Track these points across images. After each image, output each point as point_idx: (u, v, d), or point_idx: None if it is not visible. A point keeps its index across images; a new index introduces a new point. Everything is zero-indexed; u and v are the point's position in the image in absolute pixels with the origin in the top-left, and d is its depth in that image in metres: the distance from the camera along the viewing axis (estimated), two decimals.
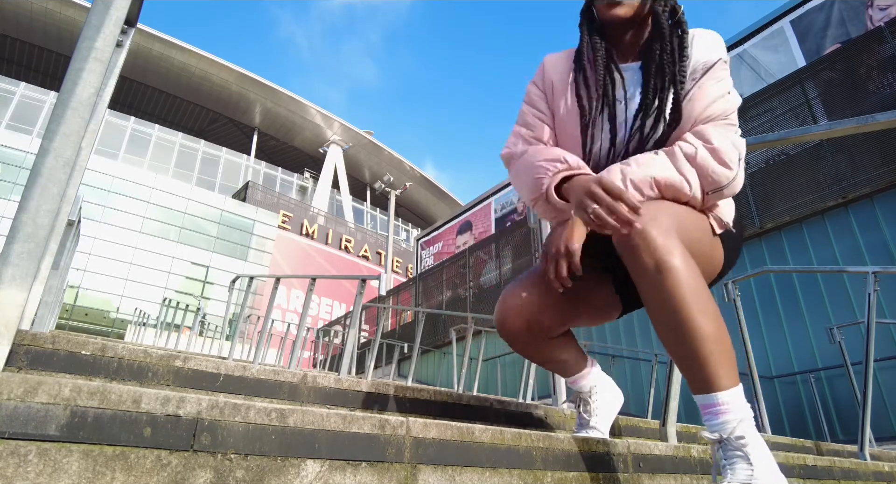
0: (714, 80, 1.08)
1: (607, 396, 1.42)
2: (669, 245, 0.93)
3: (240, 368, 1.53)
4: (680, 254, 0.94)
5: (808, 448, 2.61)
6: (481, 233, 16.18)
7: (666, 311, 0.94)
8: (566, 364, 1.36)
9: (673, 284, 0.92)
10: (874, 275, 2.52)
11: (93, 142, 1.51)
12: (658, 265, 0.93)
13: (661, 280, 0.93)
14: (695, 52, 1.10)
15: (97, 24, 0.97)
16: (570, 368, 1.38)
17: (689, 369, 0.94)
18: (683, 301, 0.92)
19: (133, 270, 21.18)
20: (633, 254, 0.95)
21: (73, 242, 2.81)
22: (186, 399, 0.68)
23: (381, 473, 0.78)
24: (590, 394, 1.40)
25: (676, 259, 0.93)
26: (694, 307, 0.91)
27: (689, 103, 1.08)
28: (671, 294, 0.92)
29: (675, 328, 0.94)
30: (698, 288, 0.93)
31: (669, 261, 0.92)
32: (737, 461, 0.89)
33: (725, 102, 1.08)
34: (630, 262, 0.97)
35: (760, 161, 7.48)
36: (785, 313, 6.68)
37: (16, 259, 0.82)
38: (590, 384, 1.40)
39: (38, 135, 20.38)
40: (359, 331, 9.17)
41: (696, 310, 0.91)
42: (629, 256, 0.97)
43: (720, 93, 1.08)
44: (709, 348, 0.91)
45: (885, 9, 8.54)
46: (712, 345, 0.91)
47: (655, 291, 0.94)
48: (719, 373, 0.91)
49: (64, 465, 0.58)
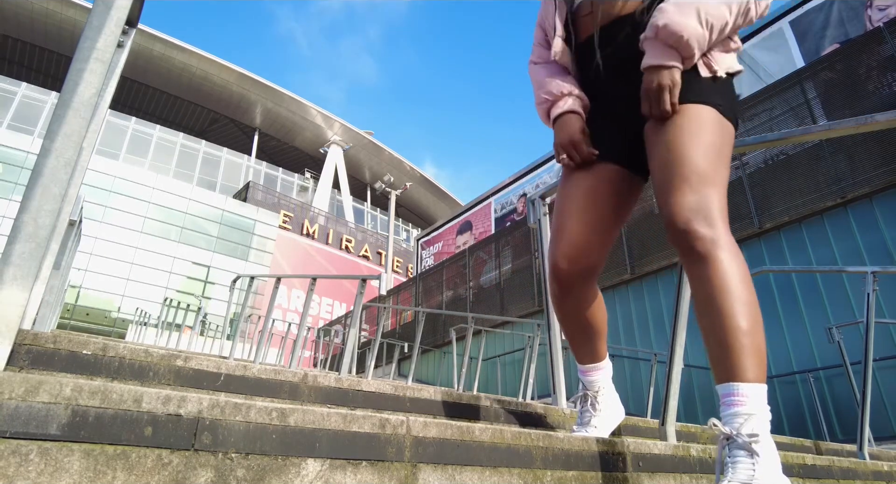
0: None
1: (611, 404, 1.42)
2: (716, 237, 0.98)
3: (241, 368, 1.53)
4: (726, 245, 0.98)
5: (808, 448, 2.62)
6: (481, 233, 16.18)
7: (706, 294, 0.97)
8: (591, 340, 1.37)
9: (716, 271, 0.96)
10: (873, 275, 2.52)
11: (94, 142, 1.51)
12: (705, 256, 0.97)
13: (706, 268, 0.97)
14: None
15: (98, 24, 0.98)
16: (592, 351, 1.38)
17: (718, 356, 0.95)
18: (724, 288, 0.96)
19: (134, 270, 21.19)
20: (683, 246, 1.00)
21: (74, 242, 2.82)
22: (187, 398, 0.68)
23: (381, 472, 0.79)
24: (597, 393, 1.40)
25: (723, 252, 0.98)
26: (735, 298, 0.95)
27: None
28: (714, 280, 0.96)
29: (710, 313, 0.97)
30: (741, 280, 0.97)
31: (717, 254, 0.97)
32: (740, 460, 0.88)
33: None
34: (680, 251, 1.02)
35: (760, 161, 7.48)
36: (784, 313, 6.68)
37: (17, 259, 0.82)
38: (599, 383, 1.40)
39: (40, 135, 20.40)
40: (359, 330, 9.17)
41: (735, 301, 0.95)
42: (678, 245, 1.01)
43: None
44: (739, 339, 0.94)
45: (884, 9, 8.54)
46: (744, 337, 0.94)
47: (700, 277, 0.99)
48: (746, 363, 0.92)
49: (65, 464, 0.58)
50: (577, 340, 1.40)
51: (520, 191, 15.27)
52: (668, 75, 1.09)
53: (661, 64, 1.09)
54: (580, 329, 1.36)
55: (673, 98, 1.09)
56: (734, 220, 7.38)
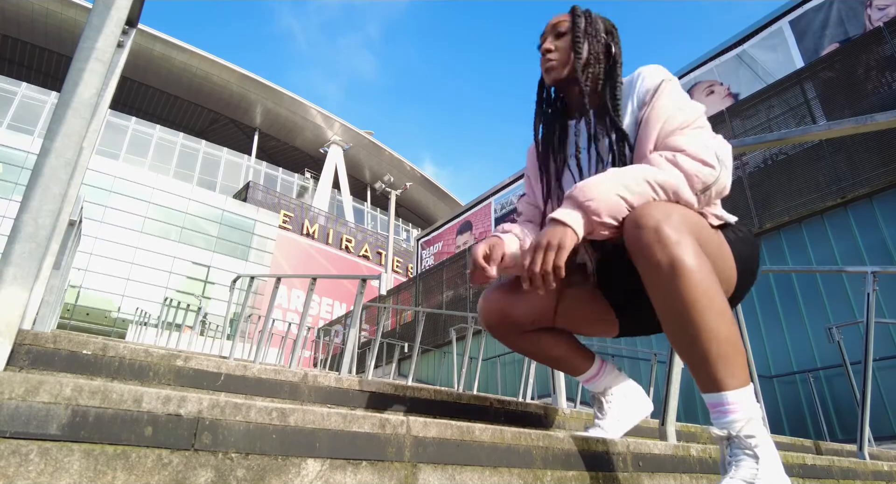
0: (663, 99, 1.11)
1: (627, 402, 1.39)
2: (683, 242, 0.92)
3: (241, 368, 1.53)
4: (693, 251, 0.93)
5: (808, 448, 2.62)
6: (481, 233, 16.18)
7: (677, 310, 0.92)
8: (563, 361, 1.36)
9: (686, 281, 0.91)
10: (873, 275, 2.52)
11: (94, 142, 1.51)
12: (671, 262, 0.91)
13: (674, 277, 0.91)
14: (641, 86, 1.15)
15: (98, 24, 0.97)
16: (571, 367, 1.37)
17: (699, 369, 0.93)
18: (696, 300, 0.90)
19: (134, 270, 21.19)
20: (646, 251, 0.94)
21: (74, 241, 2.82)
22: (187, 398, 0.68)
23: (381, 472, 0.79)
24: (603, 394, 1.38)
25: (690, 257, 0.92)
26: (706, 306, 0.90)
27: (645, 127, 1.11)
28: (684, 292, 0.91)
29: (685, 327, 0.92)
30: (711, 286, 0.92)
31: (683, 258, 0.91)
32: (743, 459, 0.89)
33: (682, 113, 1.09)
34: (642, 259, 0.96)
35: (759, 161, 7.48)
36: (784, 313, 6.68)
37: (17, 259, 0.82)
38: (603, 386, 1.38)
39: (40, 135, 20.39)
40: (359, 330, 9.18)
41: (707, 309, 0.90)
42: (641, 252, 0.95)
43: (673, 107, 1.10)
44: (719, 349, 0.90)
45: (883, 8, 8.54)
46: (723, 345, 0.90)
47: (667, 289, 0.93)
48: (728, 373, 0.90)
49: (65, 464, 0.58)
50: (550, 364, 1.41)
51: (520, 191, 15.26)
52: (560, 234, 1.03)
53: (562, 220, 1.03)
54: (545, 359, 1.38)
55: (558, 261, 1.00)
56: None
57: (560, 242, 1.00)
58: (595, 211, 1.00)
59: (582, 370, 1.37)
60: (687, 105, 1.11)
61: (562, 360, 1.36)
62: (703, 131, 1.09)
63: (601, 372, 1.38)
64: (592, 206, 1.00)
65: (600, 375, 1.37)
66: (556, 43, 1.24)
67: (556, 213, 1.03)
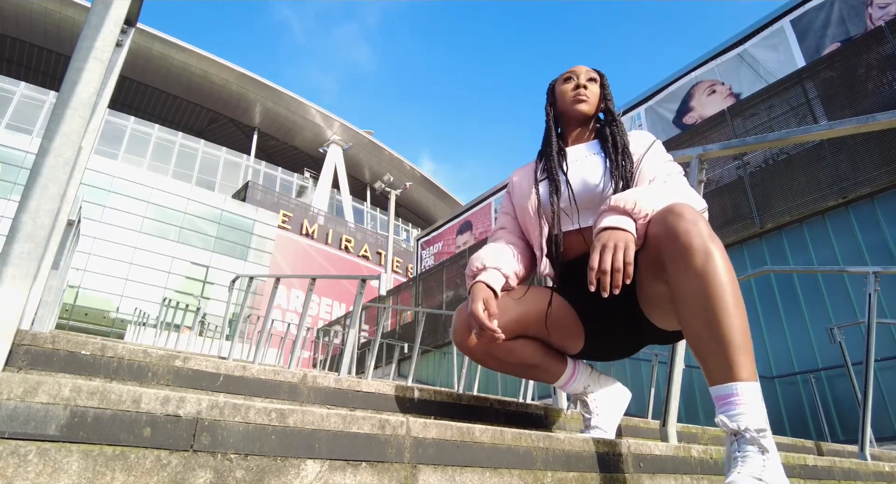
0: (656, 151, 1.39)
1: (607, 395, 1.42)
2: (715, 237, 1.02)
3: (240, 368, 1.53)
4: (722, 246, 1.02)
5: (809, 448, 2.62)
6: (481, 233, 16.18)
7: (706, 293, 0.97)
8: (539, 369, 1.37)
9: (719, 266, 0.98)
10: (874, 275, 2.52)
11: (93, 141, 1.51)
12: (706, 248, 0.99)
13: (709, 261, 0.98)
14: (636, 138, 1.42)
15: (97, 23, 0.97)
16: (548, 373, 1.38)
17: (715, 356, 0.95)
18: (726, 284, 0.97)
19: (133, 270, 21.18)
20: (684, 237, 1.01)
21: (72, 241, 2.81)
22: (186, 399, 0.68)
23: (380, 473, 0.78)
24: (585, 394, 1.41)
25: (722, 248, 1.01)
26: (732, 293, 0.97)
27: (641, 171, 1.35)
28: (717, 276, 0.97)
29: (712, 310, 0.96)
30: (735, 280, 1.00)
31: (718, 247, 1.00)
32: (750, 454, 0.89)
33: (670, 163, 1.37)
34: (677, 243, 1.02)
35: (760, 161, 7.48)
36: (785, 313, 6.68)
37: (16, 259, 0.81)
38: (582, 385, 1.41)
39: (38, 135, 20.38)
40: (359, 331, 9.17)
41: (733, 295, 0.97)
42: (678, 237, 1.02)
43: (663, 158, 1.38)
44: (739, 337, 0.94)
45: (884, 7, 8.54)
46: (743, 334, 0.95)
47: (699, 272, 0.99)
48: (743, 362, 0.93)
49: (64, 465, 0.58)
50: (526, 376, 1.42)
51: None
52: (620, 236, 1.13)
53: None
54: (522, 370, 1.38)
55: (627, 257, 1.08)
56: (735, 220, 7.39)
57: (626, 243, 1.08)
58: (643, 216, 1.12)
59: (558, 375, 1.39)
60: (671, 160, 1.40)
61: (539, 367, 1.37)
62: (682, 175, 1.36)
63: (576, 372, 1.40)
64: (640, 213, 1.12)
65: (576, 375, 1.40)
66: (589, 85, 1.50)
67: (608, 222, 1.12)
